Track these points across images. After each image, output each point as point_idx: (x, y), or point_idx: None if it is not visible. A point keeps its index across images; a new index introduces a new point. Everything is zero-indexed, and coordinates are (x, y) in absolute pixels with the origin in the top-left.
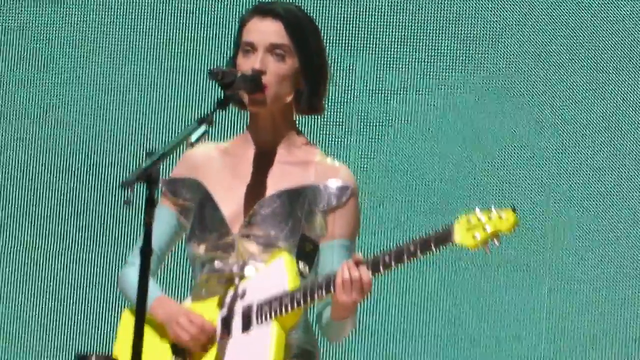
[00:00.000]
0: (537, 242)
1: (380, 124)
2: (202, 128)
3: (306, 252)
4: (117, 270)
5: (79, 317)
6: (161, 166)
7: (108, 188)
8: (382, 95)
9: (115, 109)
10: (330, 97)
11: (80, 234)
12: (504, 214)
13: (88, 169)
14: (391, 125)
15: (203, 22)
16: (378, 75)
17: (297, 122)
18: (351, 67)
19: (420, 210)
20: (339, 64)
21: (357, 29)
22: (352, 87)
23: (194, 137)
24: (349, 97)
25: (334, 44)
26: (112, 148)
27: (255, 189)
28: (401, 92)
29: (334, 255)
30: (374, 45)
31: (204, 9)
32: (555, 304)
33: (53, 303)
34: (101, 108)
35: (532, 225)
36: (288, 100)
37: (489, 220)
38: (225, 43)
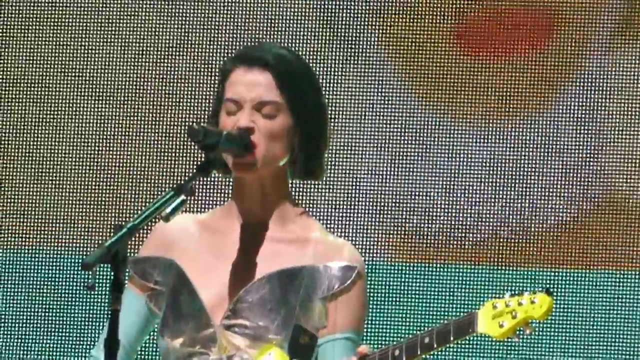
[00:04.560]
0: None
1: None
2: (180, 198)
3: (302, 346)
4: None
5: None
6: (129, 243)
7: (68, 269)
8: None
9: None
10: None
11: (33, 322)
12: (538, 299)
13: (41, 247)
14: None
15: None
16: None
17: (291, 189)
18: None
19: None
20: None
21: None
22: None
23: (169, 209)
24: None
25: None
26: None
27: (241, 272)
28: None
29: (335, 350)
30: None
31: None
32: None
33: None
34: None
35: None
36: (281, 163)
37: (518, 306)
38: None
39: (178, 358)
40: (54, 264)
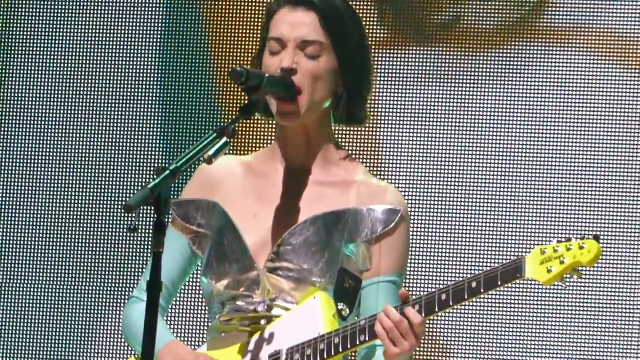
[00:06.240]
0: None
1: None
2: (222, 140)
3: (346, 289)
4: (120, 308)
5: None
6: (172, 185)
7: (109, 212)
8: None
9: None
10: None
11: (76, 264)
12: (586, 244)
13: (84, 189)
14: None
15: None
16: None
17: (335, 132)
18: None
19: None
20: None
21: None
22: None
23: (212, 151)
24: None
25: None
26: (115, 163)
27: (285, 214)
28: None
29: (380, 293)
30: None
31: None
32: None
33: (49, 341)
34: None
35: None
36: (324, 106)
37: (566, 251)
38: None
39: (222, 301)
40: (97, 206)
